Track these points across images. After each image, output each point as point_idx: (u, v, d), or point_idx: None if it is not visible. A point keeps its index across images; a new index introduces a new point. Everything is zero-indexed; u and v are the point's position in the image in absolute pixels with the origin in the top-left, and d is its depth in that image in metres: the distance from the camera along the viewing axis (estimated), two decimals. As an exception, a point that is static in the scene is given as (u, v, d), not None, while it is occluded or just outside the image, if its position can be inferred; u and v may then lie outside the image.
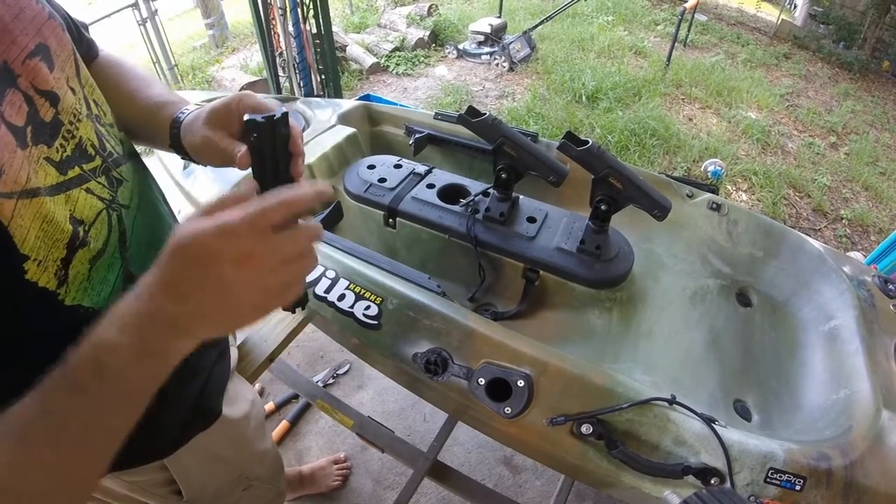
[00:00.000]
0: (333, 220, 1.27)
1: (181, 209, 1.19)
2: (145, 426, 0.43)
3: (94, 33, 0.63)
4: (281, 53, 2.57)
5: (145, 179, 0.62)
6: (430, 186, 1.28)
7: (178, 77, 4.02)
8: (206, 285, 0.35)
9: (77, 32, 0.57)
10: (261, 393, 1.81)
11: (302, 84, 2.63)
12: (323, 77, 2.72)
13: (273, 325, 1.19)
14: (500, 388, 0.82)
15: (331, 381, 1.85)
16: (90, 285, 0.46)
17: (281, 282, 0.38)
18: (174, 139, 0.58)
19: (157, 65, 3.81)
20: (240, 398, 0.85)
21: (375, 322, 0.91)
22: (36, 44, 0.43)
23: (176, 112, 0.58)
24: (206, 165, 0.59)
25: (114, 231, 0.49)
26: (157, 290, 0.35)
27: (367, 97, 2.59)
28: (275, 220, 0.35)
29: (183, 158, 0.61)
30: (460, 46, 4.65)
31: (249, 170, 0.45)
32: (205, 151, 0.54)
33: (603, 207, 1.08)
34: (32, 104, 0.41)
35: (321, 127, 1.48)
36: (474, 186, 1.27)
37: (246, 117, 0.42)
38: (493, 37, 4.49)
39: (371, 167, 1.34)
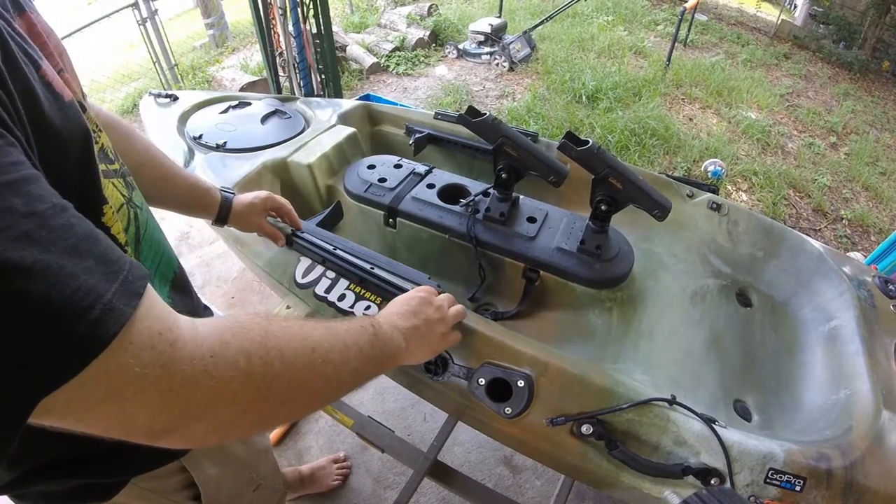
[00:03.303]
0: (333, 220, 1.27)
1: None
2: None
3: (95, 33, 0.65)
4: (281, 53, 2.57)
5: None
6: (431, 186, 1.28)
7: (179, 77, 4.01)
8: (422, 314, 0.68)
9: None
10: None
11: (302, 84, 2.62)
12: (323, 77, 2.72)
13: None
14: (500, 389, 0.82)
15: (331, 380, 1.85)
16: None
17: (444, 337, 0.72)
18: (223, 212, 0.89)
19: (157, 64, 3.80)
20: None
21: (375, 322, 0.91)
22: (62, 65, 0.48)
23: (218, 194, 0.89)
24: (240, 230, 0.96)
25: (131, 225, 0.54)
26: (400, 313, 0.66)
27: (367, 97, 2.58)
28: (449, 306, 0.75)
29: (214, 223, 0.90)
30: (460, 46, 4.65)
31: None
32: (248, 226, 0.93)
33: (603, 207, 1.07)
34: None
35: (321, 127, 1.48)
36: (474, 186, 1.27)
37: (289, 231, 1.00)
38: (493, 37, 4.49)
39: (371, 167, 1.34)
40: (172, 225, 2.57)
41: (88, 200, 0.44)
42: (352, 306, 0.92)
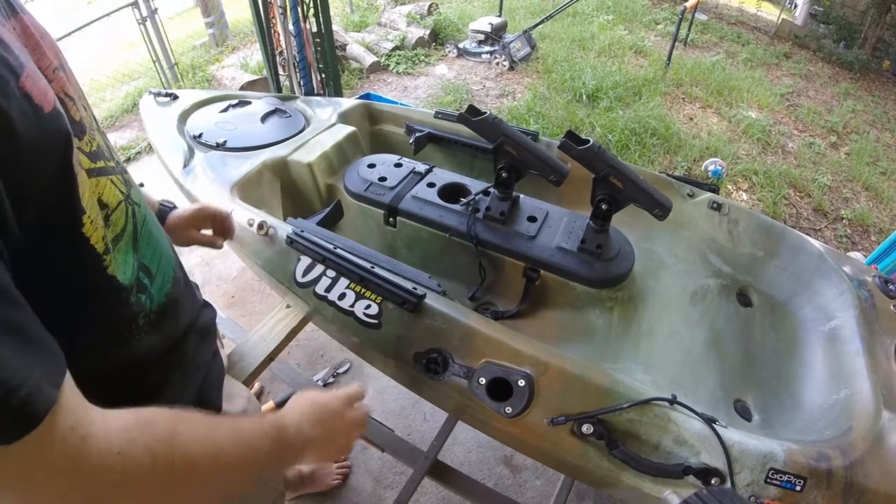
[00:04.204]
0: (333, 219, 1.26)
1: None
2: None
3: (95, 32, 0.65)
4: (281, 52, 2.56)
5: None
6: (431, 185, 1.28)
7: (178, 76, 4.01)
8: (329, 425, 0.64)
9: None
10: (260, 392, 1.81)
11: (302, 83, 2.62)
12: (323, 76, 2.71)
13: (273, 325, 1.19)
14: (500, 388, 0.81)
15: (331, 379, 1.84)
16: (119, 260, 0.51)
17: (353, 439, 0.70)
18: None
19: (156, 63, 3.79)
20: (235, 396, 0.87)
21: (376, 321, 0.91)
22: (58, 63, 0.48)
23: (156, 207, 0.87)
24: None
25: (129, 222, 0.54)
26: (310, 422, 0.62)
27: (367, 96, 2.58)
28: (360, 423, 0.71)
29: None
30: (460, 45, 4.64)
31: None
32: (181, 240, 0.90)
33: (604, 207, 1.07)
34: (64, 105, 0.45)
35: (321, 126, 1.48)
36: (475, 185, 1.27)
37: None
38: (494, 36, 4.48)
39: (371, 166, 1.34)
40: (172, 224, 2.56)
41: (66, 211, 0.44)
42: (352, 305, 0.92)
